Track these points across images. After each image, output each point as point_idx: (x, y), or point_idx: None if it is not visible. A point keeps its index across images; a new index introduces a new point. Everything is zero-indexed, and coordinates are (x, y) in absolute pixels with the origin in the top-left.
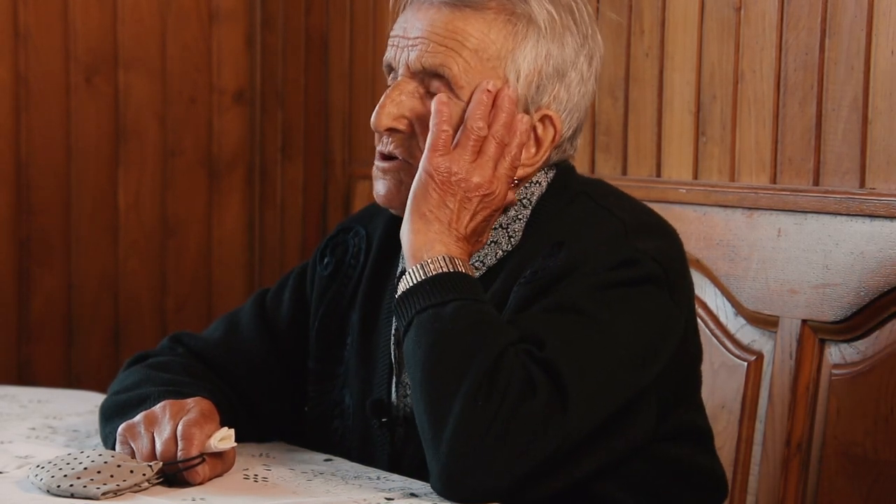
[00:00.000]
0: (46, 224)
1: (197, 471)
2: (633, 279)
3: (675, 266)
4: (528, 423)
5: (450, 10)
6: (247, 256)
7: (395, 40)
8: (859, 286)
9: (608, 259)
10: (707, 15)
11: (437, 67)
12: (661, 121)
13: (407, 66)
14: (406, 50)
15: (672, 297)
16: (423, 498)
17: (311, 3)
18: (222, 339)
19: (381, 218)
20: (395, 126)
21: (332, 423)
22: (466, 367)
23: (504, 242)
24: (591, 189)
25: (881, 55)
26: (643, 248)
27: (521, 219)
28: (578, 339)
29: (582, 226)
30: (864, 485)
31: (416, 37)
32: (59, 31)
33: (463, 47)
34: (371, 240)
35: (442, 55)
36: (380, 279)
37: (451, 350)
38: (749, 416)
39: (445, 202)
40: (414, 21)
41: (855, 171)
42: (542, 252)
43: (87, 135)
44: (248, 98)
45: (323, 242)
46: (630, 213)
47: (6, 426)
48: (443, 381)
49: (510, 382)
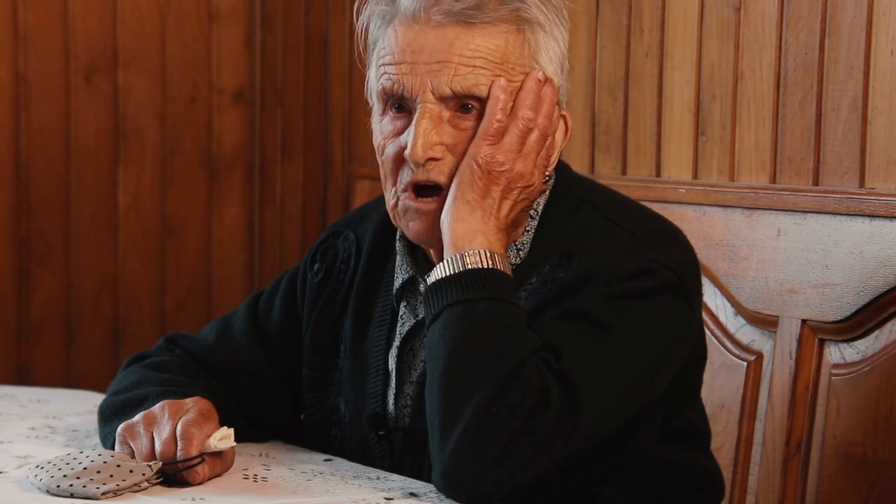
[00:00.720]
0: (46, 224)
1: (196, 471)
2: (649, 289)
3: (690, 273)
4: (536, 437)
5: (463, 29)
6: (246, 256)
7: (402, 67)
8: (859, 286)
9: (623, 269)
10: (707, 14)
11: (470, 90)
12: (660, 120)
13: (430, 91)
14: (424, 76)
15: (689, 305)
16: (423, 498)
17: (311, 2)
18: (216, 343)
19: (370, 222)
20: (432, 155)
21: (330, 431)
22: (487, 370)
23: (513, 256)
24: (593, 198)
25: (881, 55)
26: (657, 258)
27: (528, 230)
28: (593, 351)
29: (591, 238)
30: (864, 484)
31: (437, 61)
32: (58, 30)
33: (489, 63)
34: (361, 244)
35: (473, 76)
36: (370, 285)
37: (476, 350)
38: (749, 416)
39: (490, 191)
40: (422, 44)
41: (854, 171)
42: (550, 261)
43: (86, 134)
44: (248, 98)
45: (313, 248)
46: (638, 224)
47: (6, 426)
48: (461, 381)
49: (525, 393)
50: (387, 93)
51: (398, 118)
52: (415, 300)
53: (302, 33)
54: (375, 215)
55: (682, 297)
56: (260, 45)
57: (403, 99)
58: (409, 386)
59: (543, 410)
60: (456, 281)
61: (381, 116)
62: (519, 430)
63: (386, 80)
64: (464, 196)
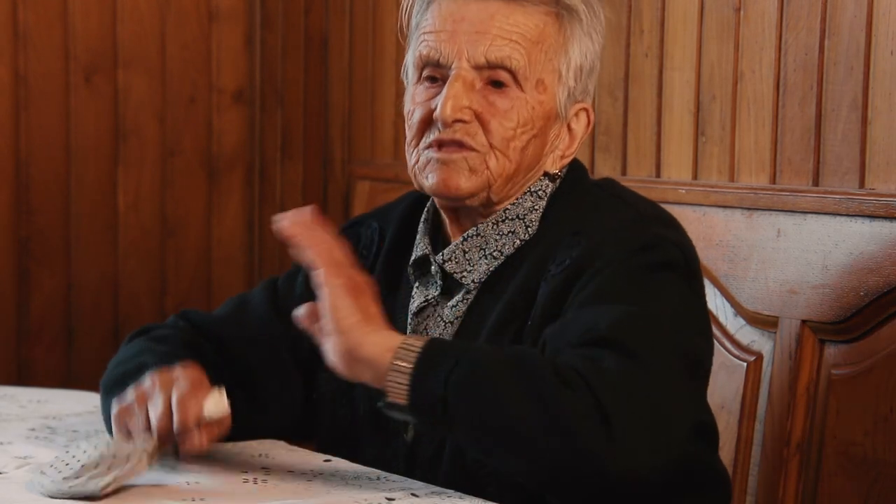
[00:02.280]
0: (46, 224)
1: (193, 441)
2: (660, 263)
3: (693, 253)
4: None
5: (505, 4)
6: (246, 256)
7: (442, 35)
8: (859, 286)
9: (629, 244)
10: (706, 15)
11: (503, 60)
12: (660, 121)
13: (466, 58)
14: (462, 44)
15: (691, 286)
16: (424, 498)
17: (311, 2)
18: (229, 315)
19: (394, 213)
20: (461, 117)
21: (339, 411)
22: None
23: (521, 232)
24: (603, 183)
25: (881, 55)
26: (660, 234)
27: (537, 209)
28: (635, 316)
29: (597, 214)
30: (864, 485)
31: (476, 31)
32: (58, 30)
33: (526, 39)
34: (384, 233)
35: (508, 48)
36: (394, 267)
37: (508, 389)
38: (748, 417)
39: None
40: (463, 14)
41: (854, 172)
42: (562, 243)
43: (86, 134)
44: (248, 98)
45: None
46: (644, 204)
47: (6, 426)
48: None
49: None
50: (423, 60)
51: (431, 87)
52: (426, 279)
53: (302, 33)
54: (400, 209)
55: (686, 275)
56: (260, 45)
57: (439, 66)
58: None
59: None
60: (421, 383)
61: (416, 85)
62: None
63: (423, 48)
64: (339, 324)
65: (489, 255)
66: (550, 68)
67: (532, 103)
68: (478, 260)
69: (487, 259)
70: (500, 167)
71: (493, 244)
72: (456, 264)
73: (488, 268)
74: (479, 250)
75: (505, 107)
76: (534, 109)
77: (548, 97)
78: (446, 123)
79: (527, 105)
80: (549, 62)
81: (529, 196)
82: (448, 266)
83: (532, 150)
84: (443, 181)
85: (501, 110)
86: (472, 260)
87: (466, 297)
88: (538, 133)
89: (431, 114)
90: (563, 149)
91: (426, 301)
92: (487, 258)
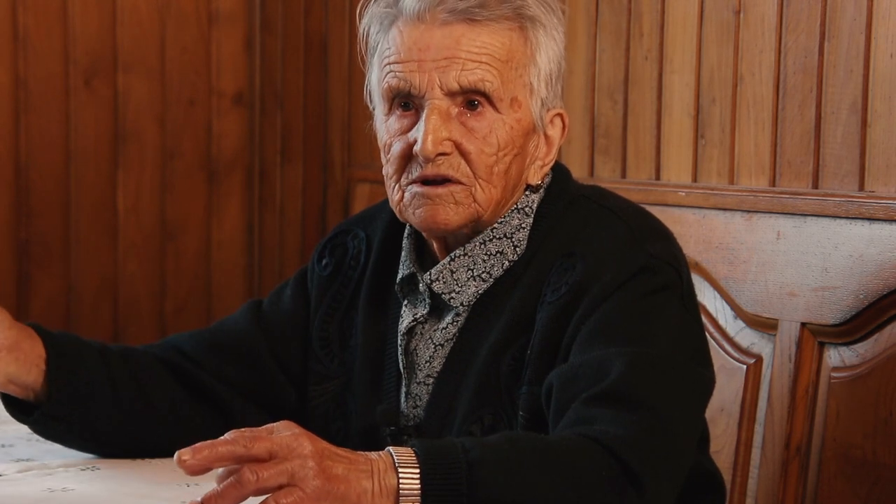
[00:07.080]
0: (46, 227)
1: None
2: (657, 287)
3: (686, 268)
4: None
5: (468, 26)
6: (246, 259)
7: (409, 65)
8: (858, 289)
9: (626, 267)
10: (706, 18)
11: (476, 84)
12: (660, 124)
13: (439, 86)
14: (432, 72)
15: (688, 307)
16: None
17: (310, 5)
18: (208, 331)
19: (380, 221)
20: (443, 150)
21: (333, 424)
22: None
23: (510, 252)
24: (588, 192)
25: (880, 58)
26: (656, 253)
27: (524, 227)
28: (642, 359)
29: (589, 231)
30: (864, 487)
31: (445, 57)
32: (58, 33)
33: (496, 60)
34: (371, 242)
35: (480, 71)
36: (382, 282)
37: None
38: (748, 419)
39: (333, 467)
40: (428, 42)
41: (854, 174)
42: (556, 266)
43: (86, 137)
44: (248, 100)
45: (321, 244)
46: (633, 216)
47: (6, 429)
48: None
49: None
50: (393, 91)
51: (405, 116)
52: (414, 297)
53: (301, 36)
54: (385, 215)
55: (679, 295)
56: (259, 49)
57: (410, 96)
58: (417, 386)
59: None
60: (438, 478)
61: (387, 116)
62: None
63: (392, 79)
64: (326, 486)
65: (477, 276)
66: (522, 84)
67: (510, 123)
68: (466, 281)
69: (476, 281)
70: (486, 196)
71: (481, 265)
72: (444, 284)
73: (477, 290)
74: (467, 270)
75: (484, 131)
76: (512, 129)
77: (523, 113)
78: (428, 159)
79: (504, 126)
80: (519, 78)
81: (516, 213)
82: (436, 286)
83: (515, 168)
84: (431, 217)
85: (481, 136)
86: (460, 280)
87: (456, 320)
88: (519, 151)
89: (410, 147)
90: (543, 157)
91: (415, 320)
92: (476, 280)
